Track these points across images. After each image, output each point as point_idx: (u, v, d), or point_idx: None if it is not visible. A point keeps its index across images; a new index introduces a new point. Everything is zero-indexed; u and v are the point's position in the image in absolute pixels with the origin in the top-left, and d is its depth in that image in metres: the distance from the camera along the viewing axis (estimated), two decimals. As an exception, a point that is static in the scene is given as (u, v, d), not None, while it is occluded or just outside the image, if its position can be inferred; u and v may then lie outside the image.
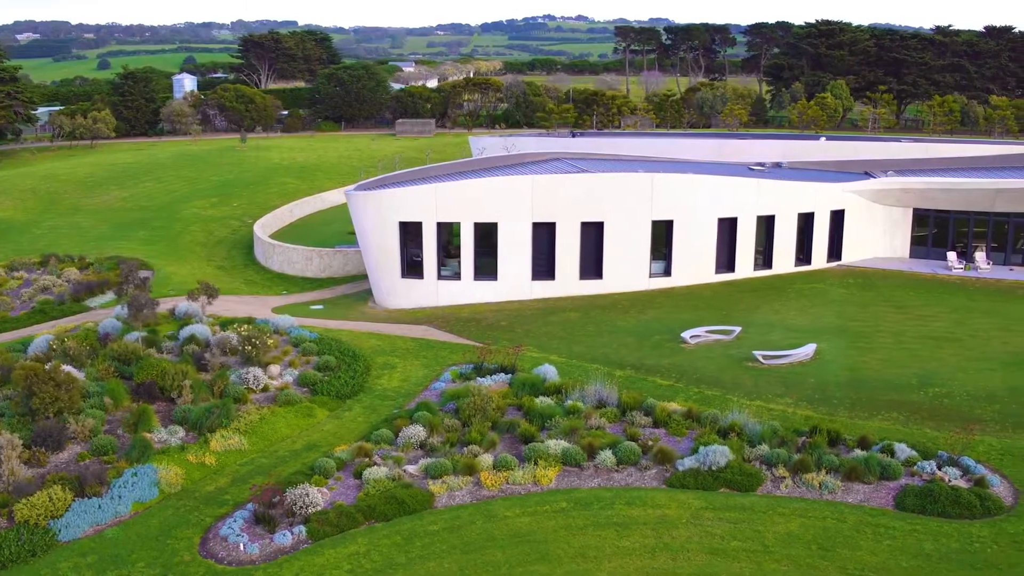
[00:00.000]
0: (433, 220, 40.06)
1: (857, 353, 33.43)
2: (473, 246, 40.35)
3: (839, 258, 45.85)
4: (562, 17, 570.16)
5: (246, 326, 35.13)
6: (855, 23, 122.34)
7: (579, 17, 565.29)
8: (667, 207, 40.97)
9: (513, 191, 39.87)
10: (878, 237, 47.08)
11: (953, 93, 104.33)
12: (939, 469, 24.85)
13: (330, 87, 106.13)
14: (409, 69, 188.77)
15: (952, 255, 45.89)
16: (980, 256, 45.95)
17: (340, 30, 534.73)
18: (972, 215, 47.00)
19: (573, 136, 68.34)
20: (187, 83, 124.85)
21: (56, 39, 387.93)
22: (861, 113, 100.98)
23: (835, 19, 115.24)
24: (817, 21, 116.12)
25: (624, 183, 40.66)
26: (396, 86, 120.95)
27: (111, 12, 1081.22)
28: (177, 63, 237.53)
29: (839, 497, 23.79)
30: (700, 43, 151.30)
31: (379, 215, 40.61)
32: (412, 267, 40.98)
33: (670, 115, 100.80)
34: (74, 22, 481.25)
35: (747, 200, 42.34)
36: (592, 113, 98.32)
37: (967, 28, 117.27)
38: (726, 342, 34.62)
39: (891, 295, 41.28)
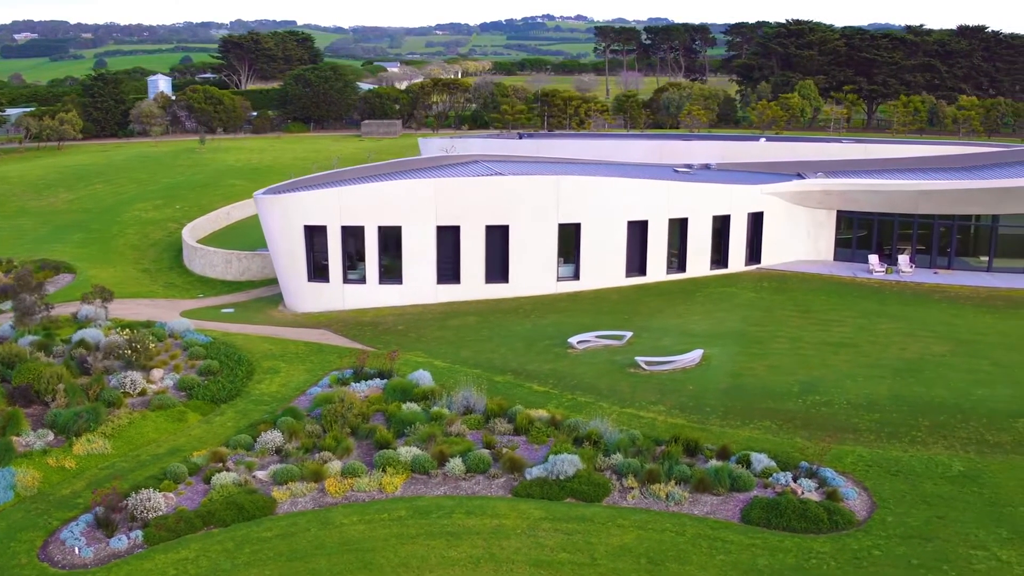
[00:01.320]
0: (338, 224, 39.73)
1: (747, 359, 32.91)
2: (378, 250, 40.00)
3: (758, 261, 45.31)
4: (561, 17, 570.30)
5: (128, 330, 34.85)
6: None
7: (578, 17, 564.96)
8: (574, 210, 40.54)
9: (416, 195, 39.51)
10: (801, 240, 46.54)
11: (922, 93, 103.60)
12: (795, 481, 24.33)
13: (298, 88, 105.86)
14: (394, 69, 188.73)
15: (874, 258, 45.30)
16: (903, 259, 45.34)
17: (339, 30, 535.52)
18: (896, 217, 46.42)
19: (520, 138, 67.95)
20: (161, 84, 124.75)
21: (54, 39, 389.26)
22: (824, 113, 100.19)
23: (805, 19, 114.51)
24: (787, 21, 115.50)
25: (529, 186, 40.25)
26: (365, 86, 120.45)
27: (110, 12, 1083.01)
28: (173, 63, 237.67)
29: (686, 509, 23.35)
30: (680, 43, 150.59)
31: (285, 219, 40.31)
32: (319, 271, 40.64)
33: (631, 116, 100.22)
34: (73, 22, 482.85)
35: (658, 203, 41.85)
36: (543, 114, 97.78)
37: (940, 28, 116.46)
38: (615, 347, 34.17)
39: (802, 299, 40.73)
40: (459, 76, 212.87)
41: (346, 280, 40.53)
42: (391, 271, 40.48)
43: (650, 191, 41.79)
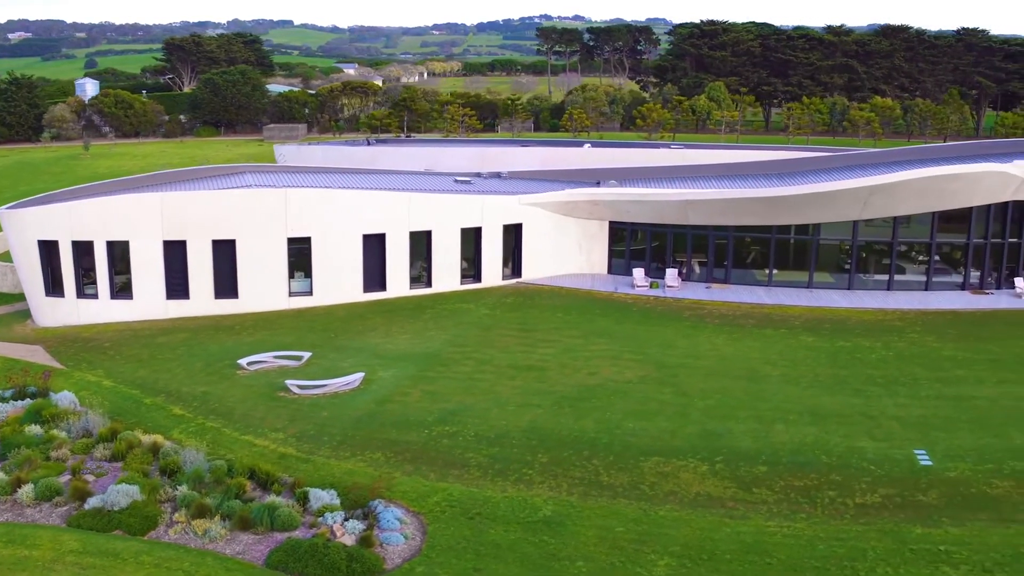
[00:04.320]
0: (68, 239, 39.46)
1: (411, 383, 32.09)
2: (107, 265, 39.70)
3: (519, 275, 44.61)
4: (558, 17, 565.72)
5: None
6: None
7: (576, 17, 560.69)
8: (304, 223, 40.08)
9: (142, 209, 39.19)
10: (572, 252, 45.77)
11: (835, 94, 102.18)
12: (346, 521, 23.45)
13: (206, 92, 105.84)
14: (351, 71, 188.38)
15: (638, 272, 44.47)
16: (671, 273, 44.44)
17: (336, 29, 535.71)
18: (669, 229, 45.54)
19: (369, 144, 67.46)
20: (89, 88, 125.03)
21: (47, 38, 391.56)
22: (715, 115, 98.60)
23: (720, 19, 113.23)
24: (701, 21, 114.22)
25: (256, 200, 39.82)
26: (278, 88, 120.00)
27: (106, 11, 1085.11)
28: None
29: (220, 547, 22.69)
30: (624, 44, 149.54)
31: (21, 233, 40.09)
32: (56, 285, 40.39)
33: (510, 119, 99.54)
34: (68, 21, 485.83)
35: (397, 215, 41.29)
36: (401, 117, 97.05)
37: (864, 26, 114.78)
38: (289, 368, 33.64)
39: (535, 317, 39.87)
40: (424, 77, 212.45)
41: (81, 295, 40.26)
42: (122, 286, 40.19)
43: (388, 203, 41.21)
